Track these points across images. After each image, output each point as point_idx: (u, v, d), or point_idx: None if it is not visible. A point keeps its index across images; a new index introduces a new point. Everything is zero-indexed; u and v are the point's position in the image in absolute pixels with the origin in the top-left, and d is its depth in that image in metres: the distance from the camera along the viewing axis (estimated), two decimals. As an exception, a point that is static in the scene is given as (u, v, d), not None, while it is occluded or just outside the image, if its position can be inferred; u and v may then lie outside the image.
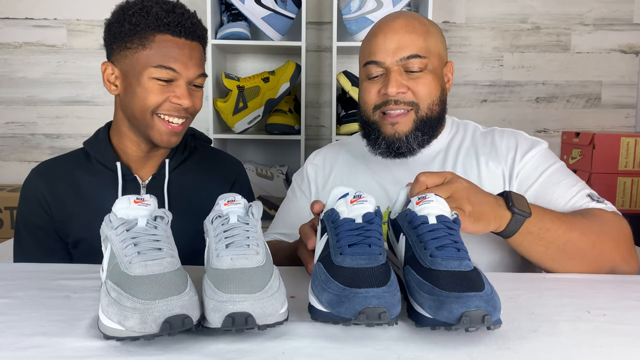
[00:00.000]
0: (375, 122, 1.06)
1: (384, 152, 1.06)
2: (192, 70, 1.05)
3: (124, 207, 0.65)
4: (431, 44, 1.04)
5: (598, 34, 2.40)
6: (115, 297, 0.56)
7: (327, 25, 2.37)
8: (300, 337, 0.59)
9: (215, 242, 0.64)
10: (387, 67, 1.02)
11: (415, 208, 0.67)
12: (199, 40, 1.07)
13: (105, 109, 2.40)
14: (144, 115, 1.05)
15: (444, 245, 0.62)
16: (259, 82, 2.12)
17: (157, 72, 1.02)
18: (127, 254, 0.60)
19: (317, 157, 1.23)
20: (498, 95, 2.42)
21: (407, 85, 1.02)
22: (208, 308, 0.57)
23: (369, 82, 1.06)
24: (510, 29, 2.40)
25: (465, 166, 1.06)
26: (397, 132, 1.03)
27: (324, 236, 0.67)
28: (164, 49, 1.02)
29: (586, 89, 2.43)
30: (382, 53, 1.02)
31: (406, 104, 1.02)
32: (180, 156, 1.18)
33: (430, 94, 1.03)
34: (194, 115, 1.11)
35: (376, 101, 1.05)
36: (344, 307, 0.56)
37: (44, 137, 2.42)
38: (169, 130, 1.06)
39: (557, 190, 0.99)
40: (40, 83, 2.38)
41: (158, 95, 1.03)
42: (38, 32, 2.36)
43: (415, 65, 1.01)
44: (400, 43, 1.02)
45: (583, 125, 2.45)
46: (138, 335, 0.54)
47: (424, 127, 1.04)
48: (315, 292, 0.62)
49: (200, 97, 1.10)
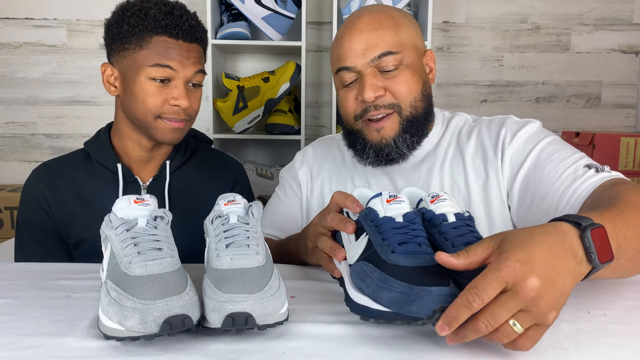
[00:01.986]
0: (359, 130, 0.99)
1: (373, 160, 0.99)
2: (190, 68, 1.04)
3: (124, 207, 0.65)
4: (403, 36, 0.95)
5: (598, 34, 2.40)
6: (115, 297, 0.56)
7: (327, 25, 2.37)
8: (300, 337, 0.59)
9: (215, 242, 0.64)
10: (359, 70, 0.94)
11: (430, 206, 0.68)
12: (197, 42, 1.07)
13: (105, 109, 2.40)
14: (146, 118, 1.05)
15: (470, 242, 0.62)
16: (259, 82, 2.12)
17: (154, 71, 1.02)
18: (127, 254, 0.60)
19: (307, 153, 1.16)
20: (498, 95, 2.42)
21: (384, 86, 0.94)
22: (208, 308, 0.57)
23: (344, 91, 0.98)
24: (510, 29, 2.40)
25: (453, 169, 1.00)
26: (384, 138, 0.96)
27: (363, 236, 0.65)
28: (161, 49, 1.02)
29: (586, 89, 2.43)
30: (351, 57, 0.94)
31: (386, 107, 0.95)
32: (182, 157, 1.18)
33: (410, 91, 0.95)
34: (193, 118, 1.10)
35: (355, 110, 0.97)
36: (416, 306, 0.54)
37: (44, 137, 2.42)
38: (172, 127, 1.06)
39: (548, 165, 0.89)
40: (40, 83, 2.38)
41: (156, 97, 1.03)
42: (38, 32, 2.36)
43: (389, 63, 0.93)
44: (369, 42, 0.93)
45: (583, 125, 2.45)
46: (138, 335, 0.54)
47: (411, 127, 0.97)
48: (367, 292, 0.58)
49: (198, 98, 1.10)
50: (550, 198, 0.87)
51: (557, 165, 0.88)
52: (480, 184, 0.97)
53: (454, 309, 0.52)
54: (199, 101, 1.10)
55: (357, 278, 0.61)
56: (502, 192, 0.95)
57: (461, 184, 0.98)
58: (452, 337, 0.53)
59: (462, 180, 0.98)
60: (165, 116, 1.05)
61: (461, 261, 0.55)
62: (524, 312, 0.51)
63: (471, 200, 0.97)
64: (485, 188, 0.96)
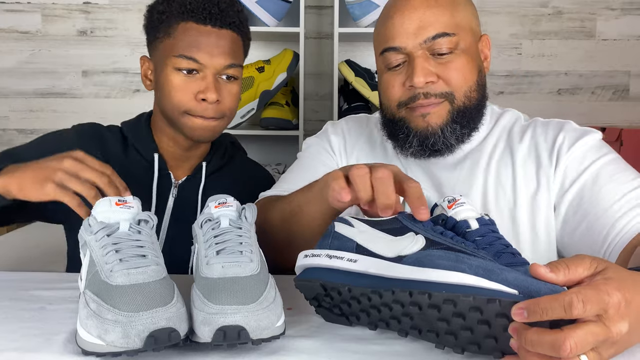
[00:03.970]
0: (402, 118, 0.96)
1: (416, 151, 0.97)
2: (219, 60, 1.03)
3: (105, 209, 0.65)
4: (460, 17, 0.95)
5: (626, 20, 2.39)
6: (94, 308, 0.56)
7: (328, 9, 2.37)
8: (298, 352, 0.59)
9: (204, 248, 0.64)
10: (409, 52, 0.93)
11: (449, 212, 0.68)
12: (230, 28, 1.05)
13: (84, 101, 2.40)
14: (173, 114, 1.06)
15: (500, 251, 0.63)
16: (252, 72, 2.12)
17: (179, 62, 1.02)
18: (107, 262, 0.60)
19: (340, 126, 1.14)
20: (516, 86, 2.42)
21: (436, 72, 0.92)
22: (197, 321, 0.57)
23: (389, 74, 0.97)
24: (529, 13, 2.40)
25: (500, 169, 0.98)
26: (431, 125, 0.94)
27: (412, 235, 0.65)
28: (187, 37, 1.02)
29: (613, 80, 2.43)
30: (401, 36, 0.93)
31: (438, 96, 0.93)
32: (219, 161, 1.19)
33: (465, 79, 0.93)
34: (228, 116, 1.09)
35: (401, 96, 0.95)
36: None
37: (16, 132, 2.42)
38: (201, 124, 1.05)
39: (608, 185, 0.88)
40: (12, 73, 2.38)
41: (182, 90, 1.03)
42: (10, 18, 2.36)
43: (443, 46, 0.92)
44: (422, 21, 0.92)
45: (609, 120, 2.45)
46: (120, 351, 0.54)
47: (462, 118, 0.95)
48: (493, 277, 0.54)
49: (233, 93, 1.07)
50: (604, 221, 0.86)
51: (617, 187, 0.88)
52: (530, 194, 0.95)
53: (548, 300, 0.49)
54: (234, 97, 1.08)
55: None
56: (550, 204, 0.94)
57: (508, 188, 0.96)
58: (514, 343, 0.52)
59: (510, 184, 0.96)
60: (193, 113, 1.04)
61: (560, 278, 0.53)
62: (594, 351, 0.50)
63: (517, 209, 0.95)
64: (535, 198, 0.94)
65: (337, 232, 0.68)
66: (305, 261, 0.68)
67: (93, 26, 2.37)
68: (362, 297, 0.62)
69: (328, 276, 0.65)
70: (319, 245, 0.69)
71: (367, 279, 0.62)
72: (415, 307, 0.56)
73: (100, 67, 2.38)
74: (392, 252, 0.62)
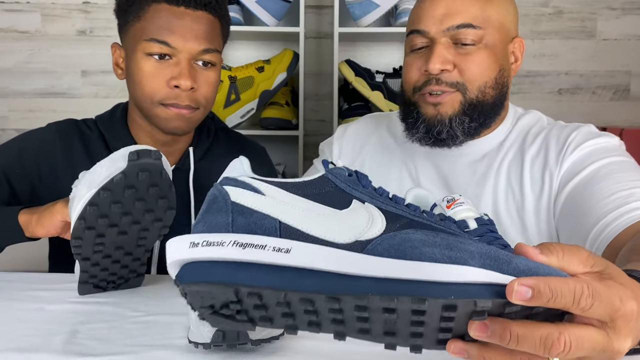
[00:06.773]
0: (415, 103, 0.97)
1: (422, 136, 0.97)
2: (193, 44, 0.95)
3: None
4: (492, 12, 0.94)
5: (626, 19, 2.39)
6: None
7: (328, 9, 2.37)
8: (297, 353, 0.59)
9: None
10: (432, 37, 0.93)
11: (447, 212, 0.68)
12: (206, 9, 0.97)
13: (83, 101, 2.40)
14: (146, 104, 1.00)
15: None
16: (252, 71, 2.12)
17: (150, 46, 0.95)
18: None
19: (348, 131, 1.14)
20: (517, 86, 2.42)
21: (454, 61, 0.92)
22: (196, 321, 0.57)
23: (411, 57, 0.98)
24: (529, 13, 2.40)
25: (510, 171, 0.97)
26: (440, 114, 0.94)
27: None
28: (158, 20, 0.95)
29: (614, 80, 2.43)
30: (427, 20, 0.93)
31: (449, 85, 0.93)
32: (206, 142, 1.13)
33: (482, 73, 0.93)
34: (204, 106, 1.02)
35: (417, 80, 0.96)
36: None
37: (15, 132, 2.42)
38: (175, 114, 0.99)
39: (603, 182, 0.86)
40: (11, 73, 2.38)
41: (154, 77, 0.96)
42: (9, 17, 2.36)
43: (467, 36, 0.92)
44: (450, 8, 0.92)
45: (610, 120, 2.45)
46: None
47: (473, 112, 0.94)
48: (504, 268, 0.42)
49: (210, 81, 1.00)
50: (588, 218, 0.84)
51: (612, 185, 0.85)
52: (535, 193, 0.94)
53: (560, 283, 0.40)
54: (211, 85, 1.00)
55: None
56: (550, 204, 0.93)
57: (516, 188, 0.96)
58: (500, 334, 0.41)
59: (518, 184, 0.96)
60: (166, 102, 0.97)
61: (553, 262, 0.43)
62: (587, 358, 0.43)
63: (525, 209, 0.94)
64: (540, 198, 0.94)
65: (237, 204, 0.46)
66: (194, 253, 0.43)
67: (92, 26, 2.37)
68: (300, 303, 0.42)
69: (245, 276, 0.42)
70: (208, 225, 0.45)
71: (314, 278, 0.42)
72: (392, 313, 0.41)
73: (99, 67, 2.38)
74: (346, 235, 0.43)
